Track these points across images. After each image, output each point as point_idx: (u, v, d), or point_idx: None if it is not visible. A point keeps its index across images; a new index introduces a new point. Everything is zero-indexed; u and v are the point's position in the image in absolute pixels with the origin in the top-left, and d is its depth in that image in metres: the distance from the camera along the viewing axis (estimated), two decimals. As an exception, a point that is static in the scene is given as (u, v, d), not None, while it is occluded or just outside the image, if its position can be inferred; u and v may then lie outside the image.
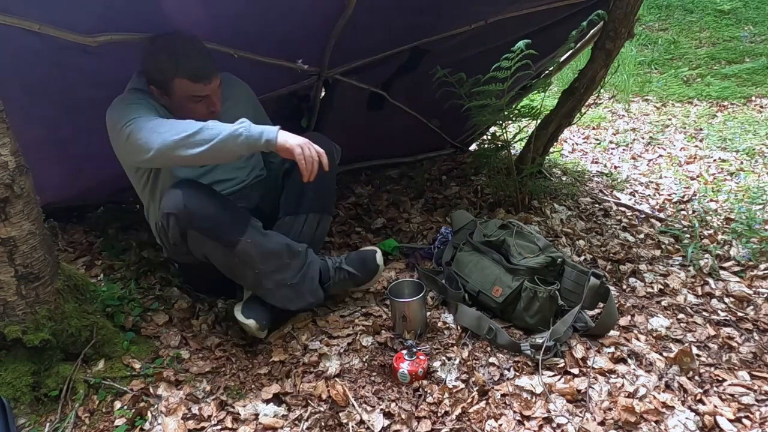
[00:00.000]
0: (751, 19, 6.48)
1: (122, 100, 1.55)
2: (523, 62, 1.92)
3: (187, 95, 1.56)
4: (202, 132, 1.39)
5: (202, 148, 1.38)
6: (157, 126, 1.42)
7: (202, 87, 1.55)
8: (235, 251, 1.54)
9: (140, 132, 1.42)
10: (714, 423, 1.32)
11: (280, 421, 1.39)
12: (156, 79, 1.56)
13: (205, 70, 1.54)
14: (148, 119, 1.45)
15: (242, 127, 1.40)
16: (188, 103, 1.58)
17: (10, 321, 1.41)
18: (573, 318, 1.62)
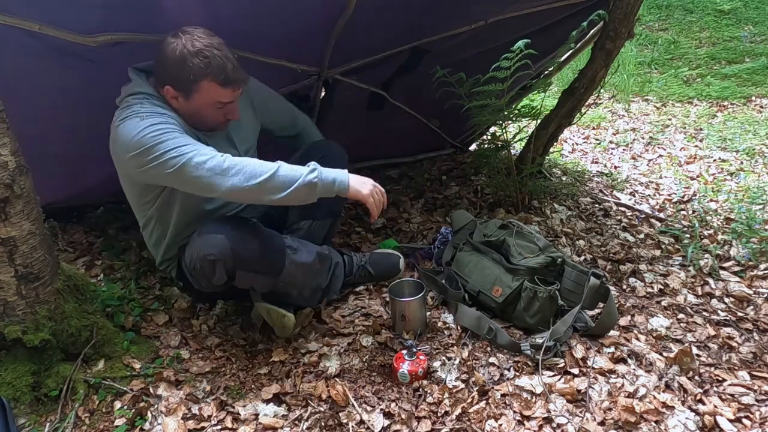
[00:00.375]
0: (751, 19, 6.48)
1: (140, 116, 1.40)
2: (522, 62, 1.92)
3: (210, 100, 1.48)
4: (274, 179, 1.37)
5: (276, 197, 1.39)
6: (220, 167, 1.36)
7: (231, 93, 1.48)
8: (281, 277, 1.56)
9: (199, 170, 1.36)
10: (714, 423, 1.33)
11: (280, 421, 1.39)
12: (180, 79, 1.44)
13: (237, 74, 1.47)
14: (199, 152, 1.37)
15: (315, 176, 1.40)
16: (207, 109, 1.50)
17: (10, 321, 1.41)
18: (573, 318, 1.62)
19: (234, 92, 1.49)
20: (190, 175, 1.36)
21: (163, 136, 1.37)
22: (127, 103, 1.46)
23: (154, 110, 1.44)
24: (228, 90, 1.47)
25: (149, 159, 1.37)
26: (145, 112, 1.42)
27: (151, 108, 1.44)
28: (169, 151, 1.36)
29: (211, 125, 1.56)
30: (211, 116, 1.52)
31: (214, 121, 1.54)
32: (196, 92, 1.46)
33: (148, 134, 1.37)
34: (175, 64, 1.41)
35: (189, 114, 1.52)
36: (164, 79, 1.47)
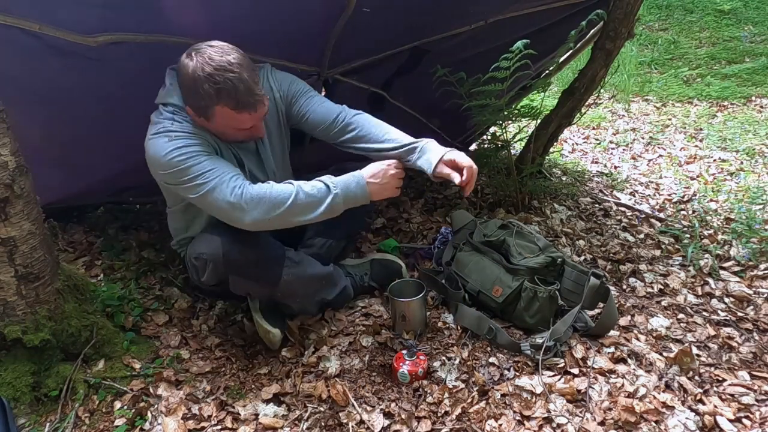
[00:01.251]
0: (751, 19, 6.48)
1: (169, 136, 1.39)
2: (522, 62, 1.92)
3: (229, 124, 1.43)
4: (295, 206, 1.37)
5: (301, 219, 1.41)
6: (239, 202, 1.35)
7: (248, 117, 1.41)
8: (278, 287, 1.56)
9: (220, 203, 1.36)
10: (714, 423, 1.33)
11: (280, 421, 1.39)
12: (195, 104, 1.40)
13: (251, 97, 1.37)
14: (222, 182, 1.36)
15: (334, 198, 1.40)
16: (228, 131, 1.46)
17: (10, 321, 1.41)
18: (573, 318, 1.62)
19: (251, 115, 1.41)
20: (214, 205, 1.39)
21: (189, 161, 1.37)
22: (161, 116, 1.45)
23: (184, 128, 1.42)
24: (243, 114, 1.39)
25: (178, 181, 1.40)
26: (176, 131, 1.41)
27: (180, 126, 1.42)
28: (195, 178, 1.37)
29: (239, 140, 1.53)
30: (233, 137, 1.49)
31: (239, 138, 1.51)
32: (213, 116, 1.41)
33: (176, 157, 1.37)
34: (189, 88, 1.38)
35: (213, 133, 1.49)
36: (186, 98, 1.43)
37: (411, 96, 2.63)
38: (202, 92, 1.35)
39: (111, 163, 2.02)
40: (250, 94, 1.37)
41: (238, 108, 1.38)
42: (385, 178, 1.46)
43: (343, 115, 1.63)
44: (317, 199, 1.40)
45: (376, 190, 1.45)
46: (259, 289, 1.59)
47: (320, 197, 1.40)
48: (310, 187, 1.40)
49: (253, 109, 1.40)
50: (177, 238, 1.73)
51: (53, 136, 1.81)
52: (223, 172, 1.39)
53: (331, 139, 1.66)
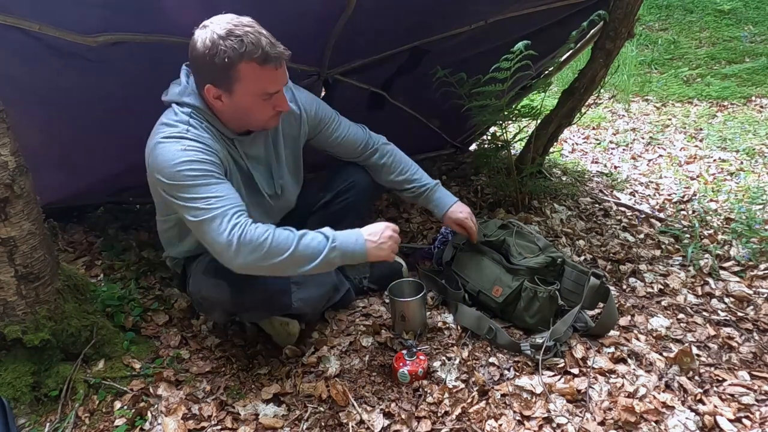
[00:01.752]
0: (751, 19, 6.48)
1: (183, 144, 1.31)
2: (522, 63, 1.92)
3: (254, 89, 1.33)
4: (293, 258, 1.30)
5: (296, 271, 1.35)
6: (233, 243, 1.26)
7: (273, 72, 1.32)
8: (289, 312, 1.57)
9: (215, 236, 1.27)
10: (714, 423, 1.33)
11: (280, 421, 1.39)
12: (217, 71, 1.30)
13: (276, 49, 1.30)
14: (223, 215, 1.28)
15: (334, 255, 1.35)
16: (254, 103, 1.36)
17: (10, 321, 1.41)
18: (573, 318, 1.62)
19: (277, 71, 1.33)
20: (207, 236, 1.30)
21: (198, 180, 1.29)
22: (175, 116, 1.37)
23: (201, 138, 1.35)
24: (269, 69, 1.30)
25: (178, 196, 1.31)
26: (191, 140, 1.33)
27: (196, 134, 1.35)
28: (197, 200, 1.29)
29: (262, 123, 1.44)
30: (259, 111, 1.39)
31: (263, 116, 1.41)
32: (237, 81, 1.31)
33: (185, 171, 1.29)
34: (207, 54, 1.28)
35: (236, 115, 1.40)
36: (203, 77, 1.34)
37: (411, 96, 2.63)
38: (223, 53, 1.26)
39: (111, 163, 2.02)
40: (272, 46, 1.30)
41: (265, 61, 1.29)
42: (382, 239, 1.42)
43: (372, 141, 1.77)
44: (315, 252, 1.33)
45: (372, 250, 1.41)
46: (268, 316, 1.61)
47: (318, 251, 1.33)
48: (310, 239, 1.33)
49: (278, 62, 1.32)
50: (170, 252, 1.65)
51: (53, 136, 1.81)
52: (228, 205, 1.30)
53: (357, 161, 1.79)
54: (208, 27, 1.29)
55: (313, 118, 1.64)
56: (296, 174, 1.71)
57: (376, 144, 1.77)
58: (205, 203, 1.28)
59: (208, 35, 1.28)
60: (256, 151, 1.54)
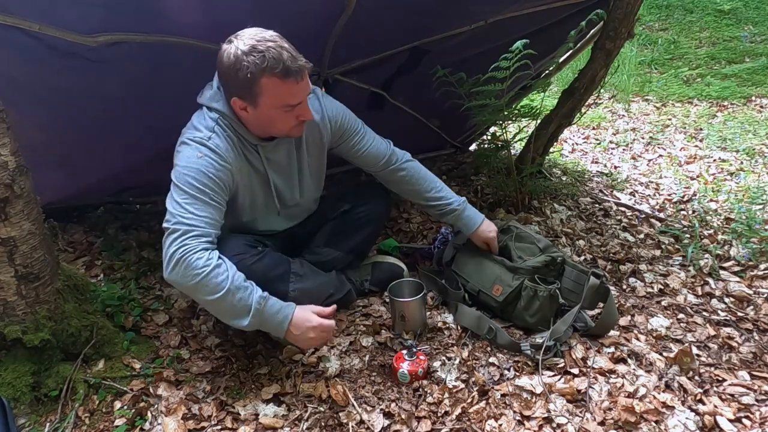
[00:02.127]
0: (751, 19, 6.48)
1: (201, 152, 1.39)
2: (522, 62, 1.92)
3: (277, 102, 1.39)
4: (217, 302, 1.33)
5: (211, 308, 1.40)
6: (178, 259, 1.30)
7: (295, 86, 1.37)
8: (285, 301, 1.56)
9: (168, 247, 1.31)
10: (714, 423, 1.32)
11: (280, 421, 1.39)
12: (241, 86, 1.36)
13: (297, 63, 1.35)
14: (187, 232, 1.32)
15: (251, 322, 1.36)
16: (277, 115, 1.42)
17: (10, 321, 1.41)
18: (573, 318, 1.62)
19: (298, 84, 1.38)
20: (164, 242, 1.34)
21: (190, 191, 1.36)
22: (203, 121, 1.45)
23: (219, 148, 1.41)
24: (290, 83, 1.35)
25: (172, 194, 1.38)
26: (210, 148, 1.40)
27: (216, 143, 1.42)
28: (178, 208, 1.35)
29: (286, 131, 1.50)
30: (282, 122, 1.45)
31: (286, 126, 1.47)
32: (260, 95, 1.37)
33: (188, 176, 1.37)
34: (232, 69, 1.34)
35: (261, 125, 1.46)
36: (229, 90, 1.41)
37: (411, 96, 2.63)
38: (245, 68, 1.32)
39: (111, 163, 2.02)
40: (294, 60, 1.35)
41: (286, 76, 1.34)
42: (304, 333, 1.42)
43: (395, 157, 1.79)
44: (236, 313, 1.35)
45: (291, 337, 1.43)
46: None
47: (239, 313, 1.35)
48: (238, 299, 1.34)
49: (300, 76, 1.37)
50: None
51: (53, 136, 1.81)
52: (196, 226, 1.34)
53: (378, 174, 1.82)
54: (233, 42, 1.35)
55: (337, 128, 1.69)
56: (318, 180, 1.78)
57: (399, 161, 1.81)
58: (180, 214, 1.34)
59: (233, 50, 1.34)
60: (278, 157, 1.59)
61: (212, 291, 1.32)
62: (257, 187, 1.59)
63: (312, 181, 1.74)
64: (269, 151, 1.56)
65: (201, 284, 1.31)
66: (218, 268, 1.32)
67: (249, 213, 1.63)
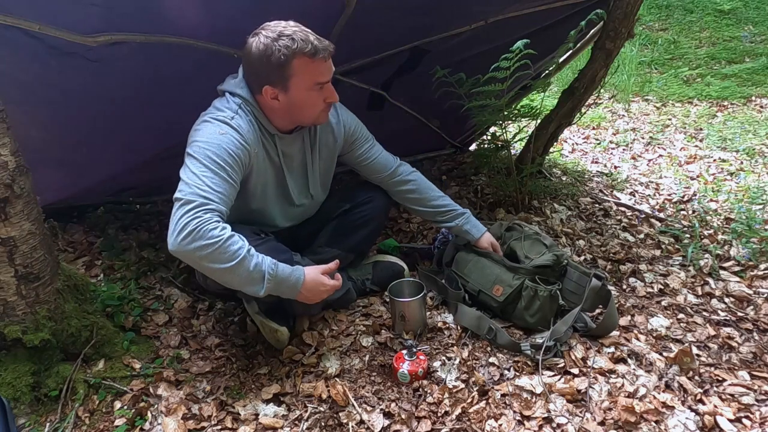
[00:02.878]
0: (751, 19, 6.48)
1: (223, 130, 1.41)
2: (522, 62, 1.92)
3: (308, 82, 1.44)
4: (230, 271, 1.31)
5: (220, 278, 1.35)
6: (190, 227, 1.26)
7: (323, 65, 1.44)
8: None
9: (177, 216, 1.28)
10: (714, 423, 1.33)
11: (280, 421, 1.39)
12: (272, 71, 1.42)
13: (322, 42, 1.43)
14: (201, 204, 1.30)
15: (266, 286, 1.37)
16: (308, 96, 1.47)
17: (10, 321, 1.41)
18: (573, 318, 1.62)
19: (326, 63, 1.45)
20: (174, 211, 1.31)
21: (207, 163, 1.35)
22: (227, 103, 1.49)
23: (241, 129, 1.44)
24: (319, 61, 1.42)
25: (187, 164, 1.37)
26: (232, 127, 1.42)
27: (239, 123, 1.44)
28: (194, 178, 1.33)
29: (314, 116, 1.54)
30: (312, 104, 1.50)
31: (316, 109, 1.51)
32: (292, 77, 1.43)
33: (208, 151, 1.37)
34: (263, 56, 1.40)
35: (291, 111, 1.50)
36: (260, 80, 1.45)
37: (411, 96, 2.63)
38: (277, 52, 1.38)
39: (111, 163, 2.02)
40: (320, 40, 1.42)
41: (315, 54, 1.40)
42: (315, 295, 1.47)
43: (401, 170, 1.85)
44: (251, 279, 1.35)
45: (301, 297, 1.46)
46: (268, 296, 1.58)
47: (253, 280, 1.35)
48: (254, 265, 1.34)
49: (327, 54, 1.43)
50: None
51: (53, 135, 1.81)
52: (210, 200, 1.32)
53: (385, 186, 1.87)
54: (260, 33, 1.42)
55: (350, 134, 1.76)
56: (325, 183, 1.82)
57: (406, 172, 1.87)
58: (195, 184, 1.32)
59: (261, 40, 1.40)
60: (292, 151, 1.64)
61: (228, 258, 1.30)
62: (270, 176, 1.61)
63: (320, 182, 1.77)
64: (286, 144, 1.60)
65: (217, 252, 1.28)
66: (233, 238, 1.32)
67: (259, 200, 1.63)
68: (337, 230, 1.85)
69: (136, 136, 1.91)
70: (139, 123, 1.84)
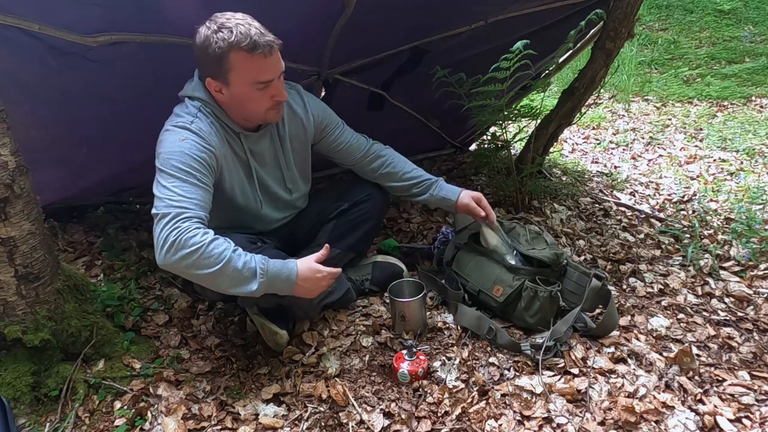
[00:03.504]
0: (751, 19, 6.48)
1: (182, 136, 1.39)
2: (522, 62, 1.92)
3: (247, 78, 1.40)
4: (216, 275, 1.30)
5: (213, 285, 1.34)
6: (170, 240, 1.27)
7: (263, 62, 1.38)
8: (285, 298, 1.53)
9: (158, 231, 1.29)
10: (714, 423, 1.33)
11: (280, 421, 1.39)
12: (212, 63, 1.39)
13: (263, 38, 1.36)
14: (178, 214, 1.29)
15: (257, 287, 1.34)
16: (249, 93, 1.43)
17: (10, 321, 1.41)
18: (573, 318, 1.62)
19: (267, 59, 1.38)
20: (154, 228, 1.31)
21: (176, 173, 1.35)
22: (185, 108, 1.47)
23: (202, 132, 1.43)
24: (258, 57, 1.37)
25: (158, 181, 1.37)
26: (191, 131, 1.41)
27: (199, 126, 1.43)
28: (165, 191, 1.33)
29: (262, 114, 1.49)
30: (256, 101, 1.45)
31: (261, 106, 1.47)
32: (230, 71, 1.39)
33: (172, 160, 1.36)
34: (203, 48, 1.38)
35: (236, 107, 1.48)
36: (203, 71, 1.45)
37: (411, 96, 2.63)
38: (215, 45, 1.35)
39: (111, 163, 2.02)
40: (261, 35, 1.37)
41: (253, 49, 1.36)
42: (314, 286, 1.44)
43: (375, 147, 1.84)
44: (241, 279, 1.33)
45: (300, 291, 1.43)
46: (266, 300, 1.57)
47: (245, 279, 1.33)
48: (242, 264, 1.32)
49: (268, 50, 1.38)
50: None
51: (54, 136, 1.81)
52: (184, 207, 1.32)
53: (359, 167, 1.85)
54: (206, 24, 1.40)
55: (319, 122, 1.75)
56: (304, 174, 1.80)
57: (378, 149, 1.86)
58: (168, 198, 1.32)
59: (203, 31, 1.39)
60: (261, 148, 1.62)
61: (215, 262, 1.28)
62: (243, 174, 1.60)
63: (298, 175, 1.77)
64: (253, 142, 1.58)
65: (201, 258, 1.27)
66: (216, 241, 1.31)
67: (240, 199, 1.62)
68: (336, 230, 1.85)
69: (136, 136, 1.90)
70: (139, 123, 1.84)
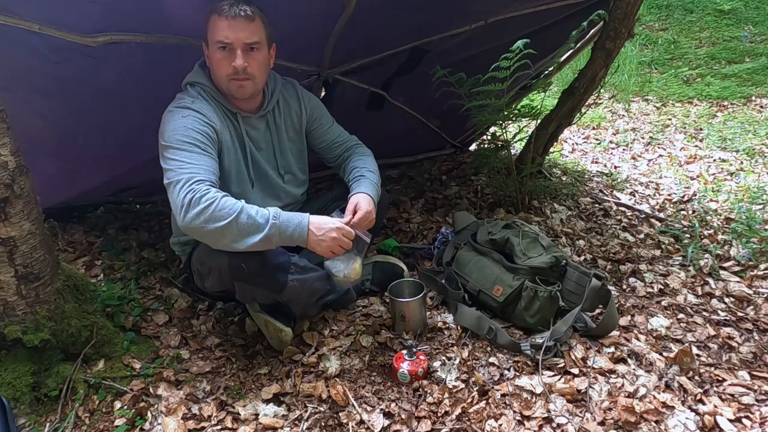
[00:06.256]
0: (751, 19, 6.48)
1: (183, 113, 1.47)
2: (522, 62, 1.92)
3: (212, 38, 1.48)
4: (233, 225, 1.34)
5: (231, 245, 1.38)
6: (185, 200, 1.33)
7: (225, 25, 1.44)
8: (283, 293, 1.55)
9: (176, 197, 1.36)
10: (714, 423, 1.32)
11: (280, 421, 1.39)
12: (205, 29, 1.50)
13: (236, 8, 1.44)
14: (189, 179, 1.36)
15: (273, 232, 1.38)
16: (215, 56, 1.50)
17: (10, 321, 1.41)
18: (573, 318, 1.62)
19: (228, 22, 1.44)
20: (170, 198, 1.40)
21: (181, 146, 1.42)
22: (186, 93, 1.56)
23: (203, 109, 1.51)
24: (221, 19, 1.44)
25: (164, 157, 1.43)
26: (193, 109, 1.49)
27: (200, 105, 1.51)
28: (173, 163, 1.40)
29: (225, 81, 1.53)
30: (217, 64, 1.50)
31: (222, 71, 1.51)
32: (207, 32, 1.49)
33: (176, 135, 1.43)
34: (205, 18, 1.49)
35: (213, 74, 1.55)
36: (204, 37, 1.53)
37: (411, 96, 2.63)
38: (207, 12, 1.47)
39: (112, 163, 2.02)
40: (238, 3, 1.45)
41: (221, 13, 1.45)
42: (325, 235, 1.45)
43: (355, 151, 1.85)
44: (256, 226, 1.37)
45: (313, 240, 1.45)
46: (265, 295, 1.58)
47: (259, 225, 1.37)
48: (255, 211, 1.38)
49: (233, 15, 1.44)
50: (177, 237, 1.73)
51: (54, 136, 1.81)
52: (195, 173, 1.39)
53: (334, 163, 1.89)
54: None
55: (310, 113, 1.81)
56: (300, 163, 1.83)
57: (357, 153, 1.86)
58: (178, 167, 1.39)
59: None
60: (257, 133, 1.68)
61: (229, 212, 1.34)
62: (240, 156, 1.64)
63: (295, 162, 1.79)
64: (250, 125, 1.65)
65: (217, 209, 1.33)
66: (228, 196, 1.38)
67: (236, 182, 1.63)
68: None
69: (136, 135, 1.91)
70: (139, 123, 1.84)
